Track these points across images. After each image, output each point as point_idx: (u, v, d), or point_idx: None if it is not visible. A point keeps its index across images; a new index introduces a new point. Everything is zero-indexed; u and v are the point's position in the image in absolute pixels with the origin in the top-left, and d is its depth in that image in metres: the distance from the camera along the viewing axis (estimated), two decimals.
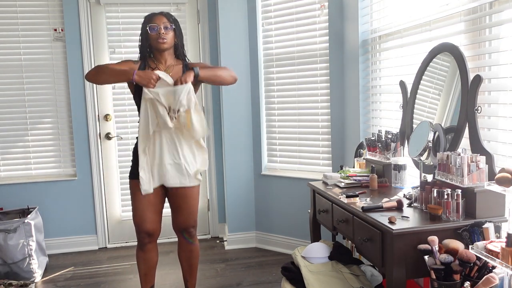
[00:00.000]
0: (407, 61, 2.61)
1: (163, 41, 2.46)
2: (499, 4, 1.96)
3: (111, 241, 4.10)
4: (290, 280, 2.41)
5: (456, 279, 1.62)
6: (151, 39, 2.48)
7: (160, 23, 2.46)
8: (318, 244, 2.50)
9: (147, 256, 2.63)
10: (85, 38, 3.84)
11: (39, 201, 3.87)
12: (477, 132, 1.93)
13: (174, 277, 3.31)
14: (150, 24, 2.47)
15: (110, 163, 4.04)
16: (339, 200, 2.24)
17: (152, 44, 2.49)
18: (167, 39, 2.47)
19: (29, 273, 3.29)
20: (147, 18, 2.51)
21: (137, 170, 2.52)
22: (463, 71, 2.02)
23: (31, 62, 3.86)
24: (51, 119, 3.93)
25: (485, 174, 1.81)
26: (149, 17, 2.50)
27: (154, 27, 2.46)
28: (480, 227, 1.69)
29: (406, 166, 2.41)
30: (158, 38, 2.45)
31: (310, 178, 3.35)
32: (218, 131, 4.07)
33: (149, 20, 2.49)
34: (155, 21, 2.46)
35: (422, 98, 2.39)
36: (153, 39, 2.47)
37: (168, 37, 2.48)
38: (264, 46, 3.76)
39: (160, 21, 2.46)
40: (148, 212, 2.54)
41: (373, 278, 2.27)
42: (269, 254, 3.77)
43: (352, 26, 3.15)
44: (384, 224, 1.80)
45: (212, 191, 4.19)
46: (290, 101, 3.67)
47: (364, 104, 3.14)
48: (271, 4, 3.67)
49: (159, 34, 2.45)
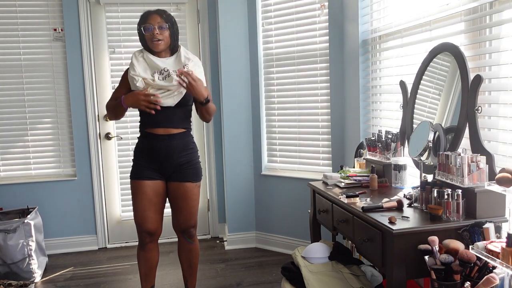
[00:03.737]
0: (407, 61, 2.61)
1: (157, 42, 2.43)
2: (499, 4, 1.96)
3: (111, 241, 4.10)
4: (290, 280, 2.41)
5: (456, 279, 1.62)
6: (146, 39, 2.46)
7: (155, 23, 2.42)
8: (318, 244, 2.50)
9: (148, 255, 2.62)
10: (85, 38, 3.84)
11: (39, 201, 3.87)
12: (477, 132, 1.93)
13: (174, 277, 3.31)
14: (144, 24, 2.44)
15: (110, 163, 4.04)
16: (339, 200, 2.23)
17: (148, 44, 2.47)
18: (161, 39, 2.43)
19: (28, 273, 3.29)
20: (142, 17, 2.47)
21: (138, 170, 2.53)
22: (464, 71, 2.01)
23: (31, 62, 3.86)
24: (51, 119, 3.93)
25: (485, 174, 1.81)
26: (144, 17, 2.46)
27: (148, 27, 2.42)
28: (480, 227, 1.69)
29: (406, 166, 2.41)
30: (153, 38, 2.42)
31: (310, 178, 3.35)
32: (218, 131, 4.07)
33: (144, 20, 2.45)
34: (150, 21, 2.43)
35: (422, 98, 2.39)
36: (148, 39, 2.45)
37: (163, 37, 2.44)
38: (264, 46, 3.76)
39: (155, 21, 2.42)
40: (149, 211, 2.54)
41: (373, 278, 2.27)
42: (269, 254, 3.77)
43: (352, 26, 3.14)
44: (384, 224, 1.80)
45: (212, 191, 4.19)
46: (290, 101, 3.67)
47: (364, 104, 3.14)
48: (271, 4, 3.67)
49: (153, 34, 2.42)
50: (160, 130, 2.50)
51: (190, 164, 2.57)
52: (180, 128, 2.54)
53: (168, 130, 2.50)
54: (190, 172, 2.57)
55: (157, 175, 2.54)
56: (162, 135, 2.50)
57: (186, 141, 2.56)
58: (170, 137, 2.51)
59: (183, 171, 2.55)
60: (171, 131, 2.51)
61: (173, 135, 2.51)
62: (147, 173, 2.52)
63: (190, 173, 2.57)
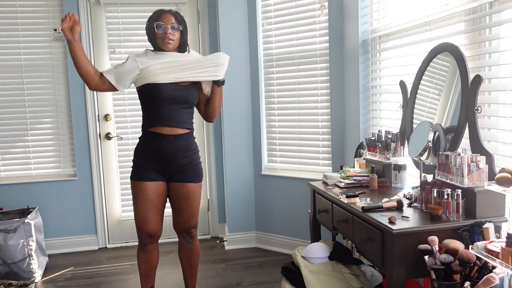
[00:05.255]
0: (407, 61, 2.61)
1: (168, 42, 2.44)
2: (499, 4, 1.96)
3: (111, 241, 4.10)
4: (290, 280, 2.41)
5: (456, 279, 1.62)
6: (156, 36, 2.46)
7: (168, 22, 2.43)
8: (318, 244, 2.50)
9: (148, 256, 2.62)
10: (85, 38, 3.84)
11: (39, 201, 3.87)
12: (477, 132, 1.93)
13: (174, 277, 3.31)
14: (157, 21, 2.44)
15: (110, 163, 4.04)
16: (339, 200, 2.23)
17: (157, 42, 2.48)
18: (173, 40, 2.45)
19: (29, 273, 3.29)
20: (155, 15, 2.47)
21: (139, 171, 2.52)
22: (463, 71, 2.02)
23: (31, 62, 3.86)
24: (51, 119, 3.93)
25: (485, 174, 1.81)
26: (158, 14, 2.46)
27: (161, 25, 2.43)
28: (480, 227, 1.69)
29: (406, 166, 2.41)
30: (164, 38, 2.43)
31: (310, 178, 3.35)
32: (218, 131, 4.07)
33: (157, 17, 2.45)
34: (163, 19, 2.43)
35: (422, 98, 2.39)
36: (159, 37, 2.45)
37: (175, 37, 2.45)
38: (264, 46, 3.76)
39: (168, 21, 2.43)
40: (150, 213, 2.53)
41: (373, 278, 2.27)
42: (269, 254, 3.77)
43: (352, 26, 3.15)
44: (384, 224, 1.80)
45: (212, 191, 4.19)
46: (290, 101, 3.67)
47: (364, 104, 3.14)
48: (271, 4, 3.67)
49: (165, 33, 2.42)
50: (166, 130, 2.47)
51: (192, 164, 2.56)
52: (185, 129, 2.53)
53: (173, 130, 2.48)
54: (192, 172, 2.56)
55: (158, 176, 2.53)
56: (168, 135, 2.48)
57: (190, 142, 2.56)
58: (175, 138, 2.49)
59: (185, 172, 2.54)
60: (176, 131, 2.49)
61: (179, 136, 2.50)
62: (149, 174, 2.51)
63: (192, 174, 2.56)
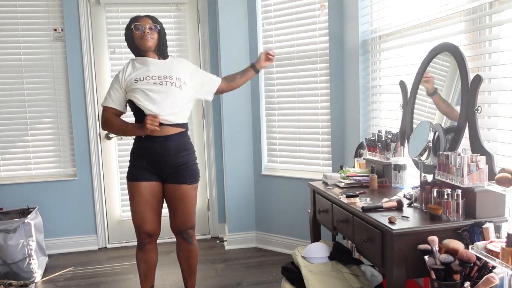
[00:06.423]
0: (407, 61, 2.61)
1: (147, 39, 2.50)
2: (499, 4, 1.96)
3: (111, 241, 4.10)
4: (290, 280, 2.41)
5: (456, 279, 1.62)
6: (135, 37, 2.53)
7: (146, 23, 2.52)
8: (318, 244, 2.50)
9: (147, 256, 2.63)
10: (85, 38, 3.84)
11: (39, 201, 3.87)
12: (477, 132, 1.93)
13: (174, 277, 3.31)
14: (135, 23, 2.52)
15: (110, 163, 4.04)
16: (339, 200, 2.23)
17: (136, 43, 2.54)
18: (152, 38, 2.52)
19: (29, 273, 3.29)
20: (133, 18, 2.57)
21: (134, 172, 2.54)
22: (463, 71, 2.01)
23: (31, 62, 3.86)
24: (51, 119, 3.94)
25: (485, 174, 1.81)
26: (135, 18, 2.56)
27: (139, 26, 2.51)
28: (480, 227, 1.69)
29: (406, 166, 2.41)
30: (143, 36, 2.50)
31: (310, 178, 3.35)
32: (218, 131, 4.07)
33: (135, 20, 2.55)
34: (141, 21, 2.53)
35: (422, 98, 2.39)
36: (137, 37, 2.52)
37: (154, 37, 2.53)
38: (264, 46, 3.75)
39: (146, 22, 2.53)
40: (148, 213, 2.54)
41: (373, 278, 2.27)
42: (269, 254, 3.77)
43: (352, 26, 3.15)
44: (384, 224, 1.80)
45: (212, 191, 4.19)
46: (290, 101, 3.67)
47: (364, 104, 3.14)
48: (271, 4, 3.67)
49: (143, 33, 2.50)
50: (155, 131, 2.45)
51: (187, 166, 2.56)
52: (177, 128, 2.53)
53: (164, 131, 2.47)
54: (186, 174, 2.56)
55: (153, 177, 2.54)
56: (158, 136, 2.47)
57: (183, 142, 2.55)
58: (166, 138, 2.49)
59: (179, 173, 2.54)
60: (168, 131, 2.48)
61: (170, 136, 2.49)
62: (143, 174, 2.53)
63: (186, 175, 2.56)
